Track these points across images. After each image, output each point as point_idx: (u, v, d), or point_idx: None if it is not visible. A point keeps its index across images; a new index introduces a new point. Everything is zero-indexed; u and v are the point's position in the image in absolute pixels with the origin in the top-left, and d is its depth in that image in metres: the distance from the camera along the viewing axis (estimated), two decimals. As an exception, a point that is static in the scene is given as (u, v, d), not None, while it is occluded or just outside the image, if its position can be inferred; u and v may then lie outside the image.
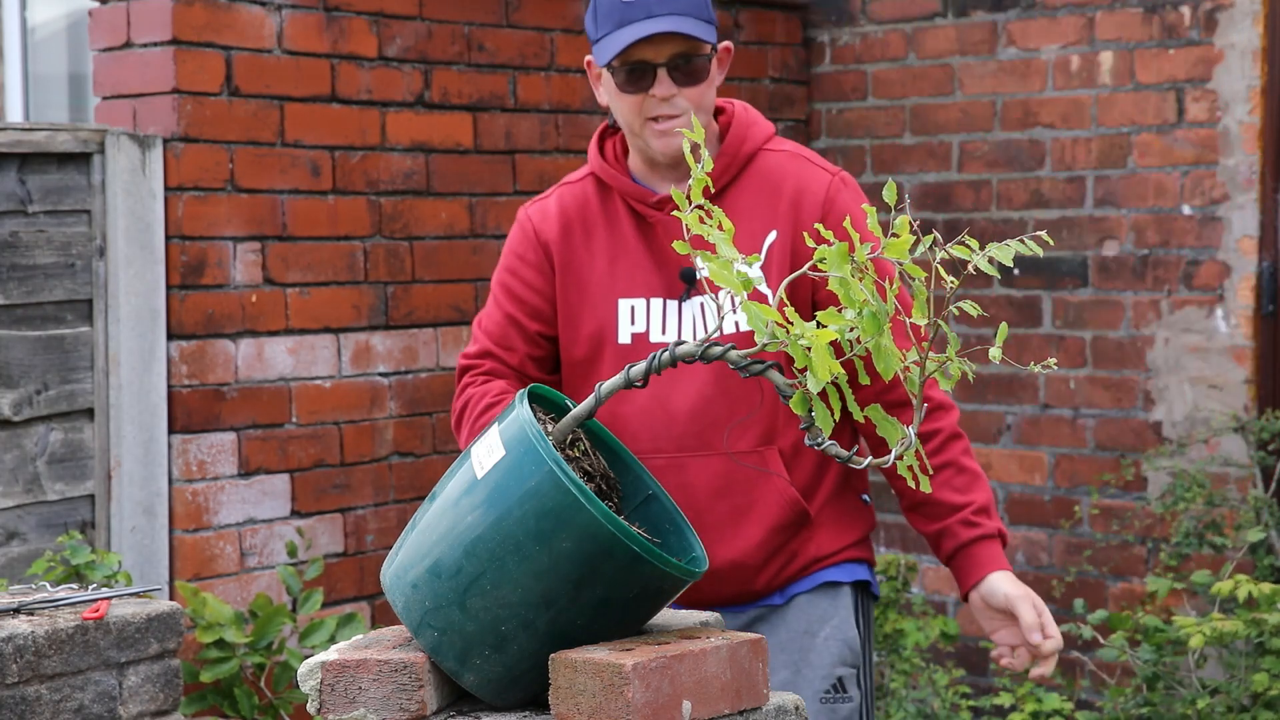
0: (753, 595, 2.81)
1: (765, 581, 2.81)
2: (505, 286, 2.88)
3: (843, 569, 2.85)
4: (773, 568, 2.80)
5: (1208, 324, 4.90)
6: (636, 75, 2.70)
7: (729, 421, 2.75)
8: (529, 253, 2.87)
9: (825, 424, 1.97)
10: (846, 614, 2.85)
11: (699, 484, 2.75)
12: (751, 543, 2.77)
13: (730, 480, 2.76)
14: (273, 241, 4.37)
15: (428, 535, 2.05)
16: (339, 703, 2.04)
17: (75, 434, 4.09)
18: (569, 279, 2.83)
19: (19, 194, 3.99)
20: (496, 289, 2.91)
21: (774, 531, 2.78)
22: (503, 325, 2.87)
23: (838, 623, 2.83)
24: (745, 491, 2.76)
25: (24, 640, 2.95)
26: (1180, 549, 4.56)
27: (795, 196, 2.77)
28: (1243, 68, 4.83)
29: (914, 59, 5.44)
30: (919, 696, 4.67)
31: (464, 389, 2.88)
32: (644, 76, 2.70)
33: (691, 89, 2.72)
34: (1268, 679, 3.86)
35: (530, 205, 2.94)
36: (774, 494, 2.76)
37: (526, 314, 2.86)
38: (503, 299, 2.88)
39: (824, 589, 2.84)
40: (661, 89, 2.71)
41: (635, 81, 2.71)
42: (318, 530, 4.47)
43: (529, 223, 2.90)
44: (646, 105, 2.72)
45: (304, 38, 4.42)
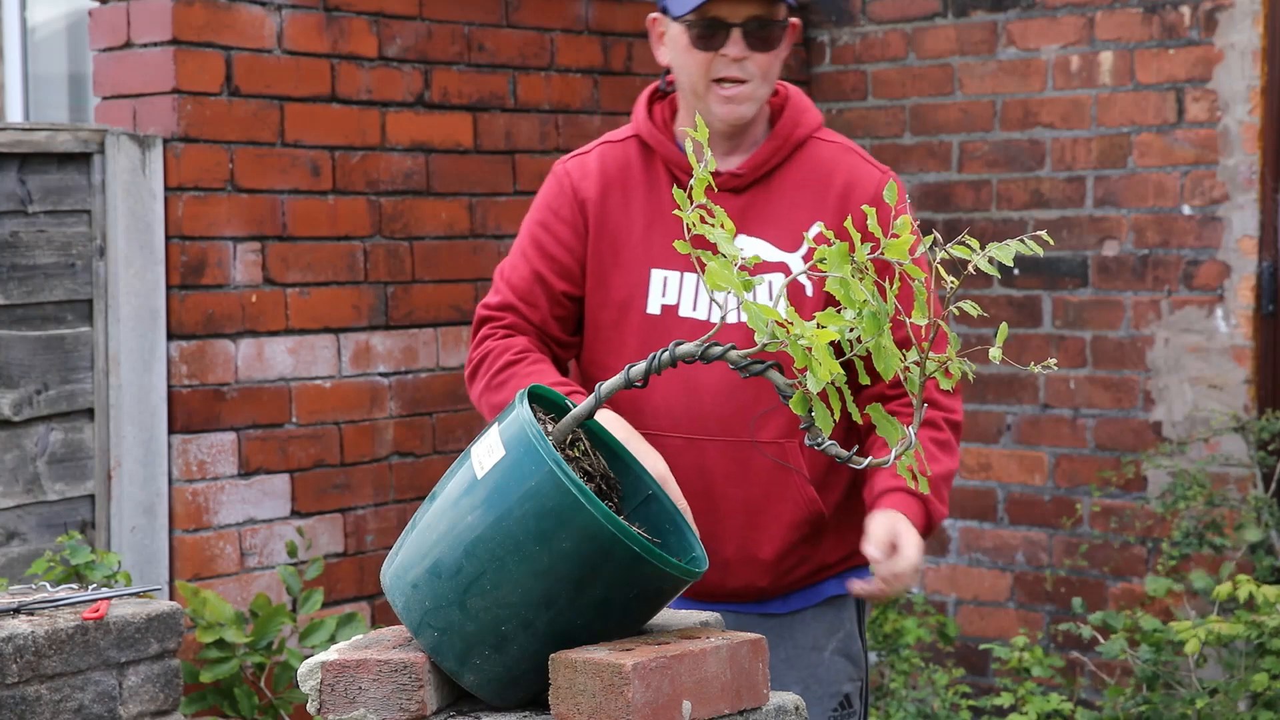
0: (758, 592, 2.75)
1: (773, 580, 2.75)
2: (536, 241, 2.77)
3: (845, 579, 2.80)
4: (783, 566, 2.75)
5: (1208, 324, 4.90)
6: (710, 32, 2.63)
7: (755, 409, 2.68)
8: (564, 209, 2.76)
9: (825, 424, 1.97)
10: (851, 626, 2.81)
11: (716, 469, 2.69)
12: (766, 536, 2.71)
13: (748, 469, 2.69)
14: (273, 241, 4.37)
15: (428, 535, 2.05)
16: (339, 703, 2.04)
17: (75, 434, 4.09)
18: (603, 241, 2.74)
19: (19, 194, 3.99)
20: (526, 242, 2.79)
21: (790, 528, 2.72)
22: (529, 281, 2.76)
23: (843, 636, 2.79)
24: (763, 483, 2.70)
25: (24, 640, 2.95)
26: (1180, 549, 4.56)
27: (845, 190, 2.70)
28: (1243, 68, 4.83)
29: (914, 59, 5.44)
30: (919, 696, 4.67)
31: (482, 340, 2.77)
32: (717, 35, 2.63)
33: (763, 55, 2.65)
34: (1267, 679, 3.86)
35: (568, 160, 2.83)
36: (792, 490, 2.71)
37: (555, 272, 2.75)
38: (531, 254, 2.77)
39: (827, 602, 2.80)
40: (734, 49, 2.63)
41: (708, 39, 2.63)
42: (318, 530, 4.47)
43: (567, 178, 2.79)
44: (715, 65, 2.65)
45: (304, 38, 4.42)
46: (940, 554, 5.36)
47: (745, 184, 2.69)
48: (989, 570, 5.29)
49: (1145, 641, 4.21)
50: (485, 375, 2.72)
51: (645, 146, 2.77)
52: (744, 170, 2.69)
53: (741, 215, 2.67)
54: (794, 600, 2.78)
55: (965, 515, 5.33)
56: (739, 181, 2.70)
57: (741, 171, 2.69)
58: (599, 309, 2.74)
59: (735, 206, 2.67)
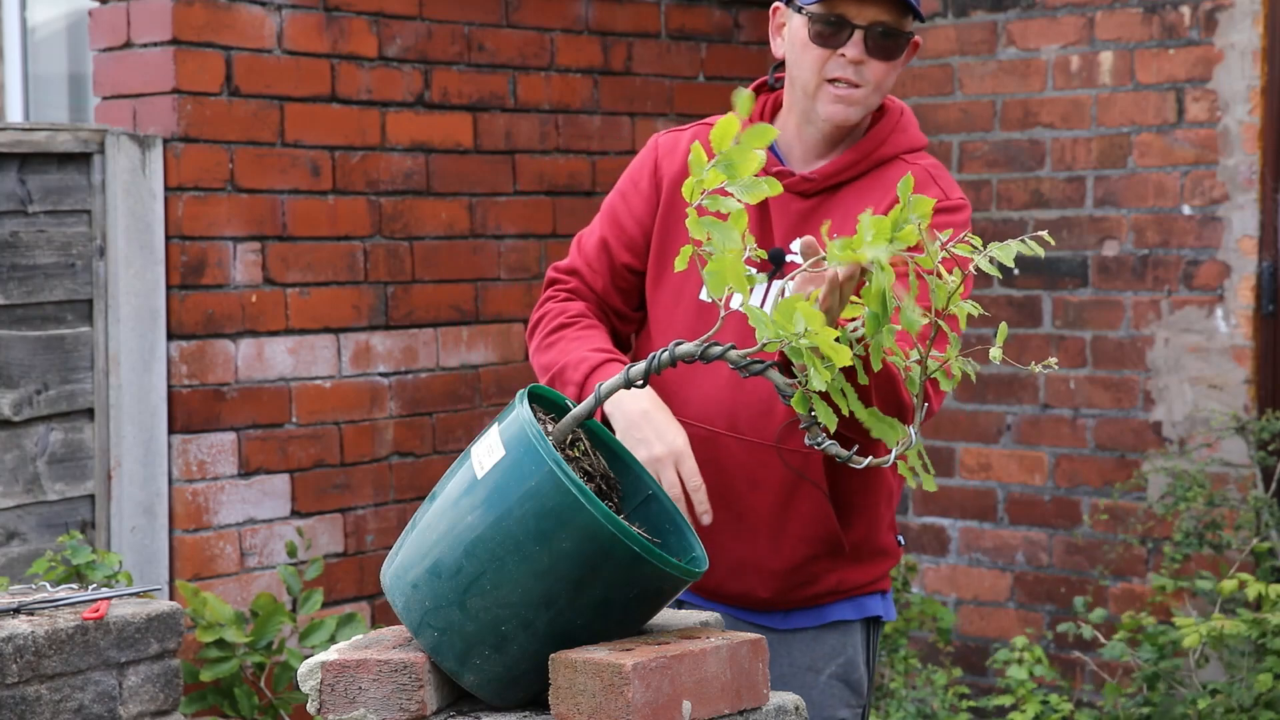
0: (757, 601, 2.69)
1: (774, 593, 2.68)
2: (611, 208, 2.75)
3: (855, 604, 2.74)
4: (791, 581, 2.68)
5: (1208, 324, 4.90)
6: (833, 30, 2.57)
7: (788, 414, 2.58)
8: (644, 181, 2.72)
9: (829, 422, 1.96)
10: (854, 653, 2.74)
11: (736, 468, 2.63)
12: (780, 546, 2.65)
13: (767, 474, 2.63)
14: (273, 241, 4.37)
15: (428, 535, 2.05)
16: (339, 703, 2.04)
17: (75, 434, 4.09)
18: (671, 220, 2.68)
19: (19, 194, 3.99)
20: (605, 208, 2.76)
21: (804, 542, 2.65)
22: (597, 248, 2.73)
23: (844, 662, 2.72)
24: (780, 492, 2.63)
25: (24, 640, 2.95)
26: (1181, 549, 4.56)
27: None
28: (1243, 68, 4.83)
29: (914, 59, 5.44)
30: (919, 696, 4.67)
31: (545, 301, 2.74)
32: (840, 33, 2.56)
33: (881, 63, 2.58)
34: (1270, 679, 3.86)
35: (665, 133, 2.78)
36: (809, 504, 2.64)
37: (621, 243, 2.72)
38: (605, 220, 2.75)
39: (831, 626, 2.72)
40: (853, 51, 2.57)
41: (830, 36, 2.57)
42: (318, 530, 4.47)
43: (655, 150, 2.75)
44: (831, 64, 2.58)
45: (304, 38, 4.42)
46: (940, 554, 5.36)
47: (813, 190, 2.64)
48: (989, 570, 5.29)
49: (1147, 641, 4.20)
50: (540, 334, 2.69)
51: None
52: (815, 176, 2.64)
53: (803, 220, 2.62)
54: (794, 619, 2.71)
55: (965, 515, 5.33)
56: (808, 186, 2.64)
57: (813, 177, 2.64)
58: (656, 287, 2.70)
59: (799, 210, 2.62)
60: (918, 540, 5.41)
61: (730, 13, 5.46)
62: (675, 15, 5.30)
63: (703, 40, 5.39)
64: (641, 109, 5.22)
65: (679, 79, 5.32)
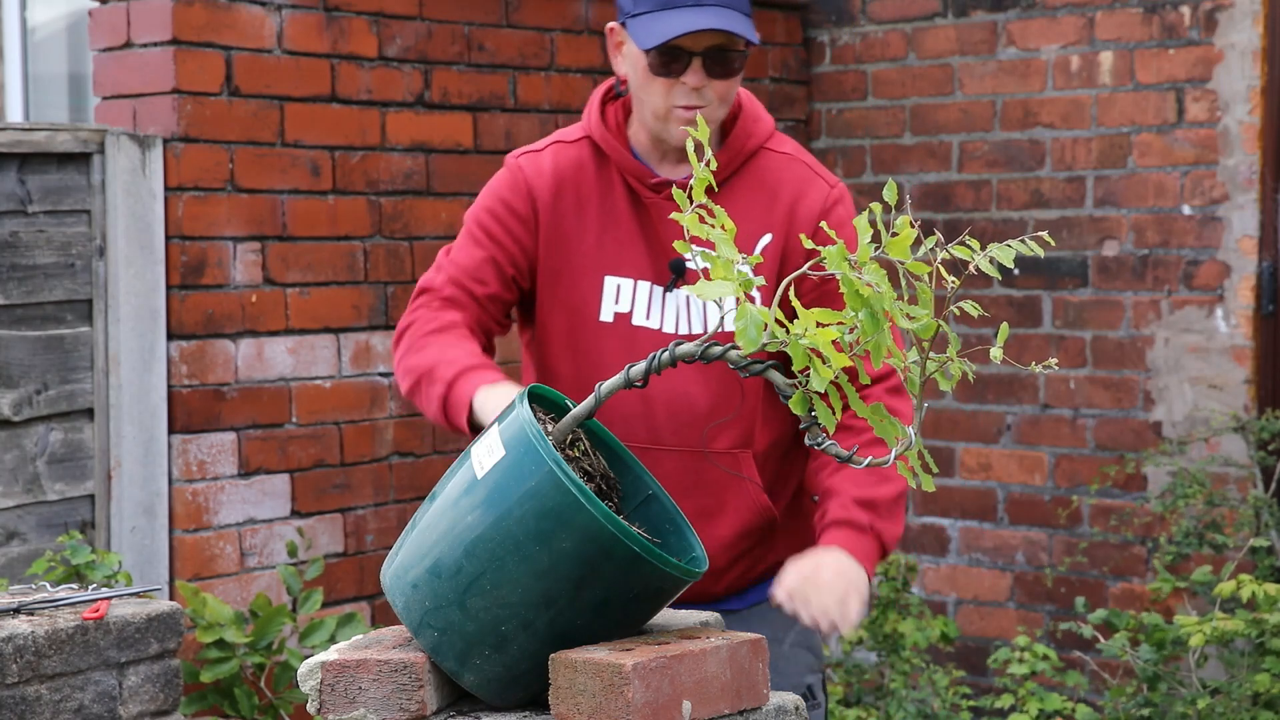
0: (710, 597, 2.75)
1: (726, 585, 2.77)
2: (486, 229, 2.74)
3: None
4: (735, 571, 2.77)
5: (1208, 324, 4.90)
6: (670, 61, 2.62)
7: (709, 419, 2.69)
8: (518, 204, 2.73)
9: (828, 423, 1.96)
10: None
11: (668, 479, 2.62)
12: (718, 545, 2.71)
13: (700, 479, 2.70)
14: (273, 241, 4.37)
15: (428, 535, 2.05)
16: (339, 703, 2.04)
17: (75, 434, 4.09)
18: (554, 244, 2.72)
19: (19, 194, 3.99)
20: (475, 229, 2.75)
21: (742, 536, 2.74)
22: (480, 262, 2.72)
23: (800, 628, 2.77)
24: (715, 493, 2.71)
25: (24, 640, 2.95)
26: (1181, 549, 4.56)
27: (792, 203, 2.71)
28: (1243, 68, 4.83)
29: (914, 59, 5.44)
30: (919, 697, 4.67)
31: (416, 309, 2.74)
32: (677, 63, 2.62)
33: (723, 82, 2.65)
34: (1269, 679, 3.86)
35: (521, 155, 2.79)
36: (744, 498, 2.72)
37: (506, 259, 2.73)
38: (483, 239, 2.74)
39: None
40: (694, 79, 2.63)
41: (668, 66, 2.63)
42: (318, 530, 4.47)
43: (520, 173, 2.75)
44: (674, 93, 2.64)
45: (304, 38, 4.42)
46: (940, 554, 5.36)
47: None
48: (989, 570, 5.29)
49: (1147, 641, 4.21)
50: (410, 337, 2.70)
51: (598, 150, 2.75)
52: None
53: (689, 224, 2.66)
54: (750, 595, 2.80)
55: (965, 515, 5.33)
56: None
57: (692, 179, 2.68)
58: (550, 311, 2.74)
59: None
60: (918, 540, 5.41)
61: (730, 13, 5.46)
62: (675, 15, 5.30)
63: (703, 40, 5.39)
64: (641, 109, 5.22)
65: (679, 79, 5.32)
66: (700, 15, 2.59)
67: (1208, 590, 4.25)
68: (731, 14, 2.61)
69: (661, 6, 2.61)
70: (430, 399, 2.57)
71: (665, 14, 2.61)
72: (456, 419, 2.52)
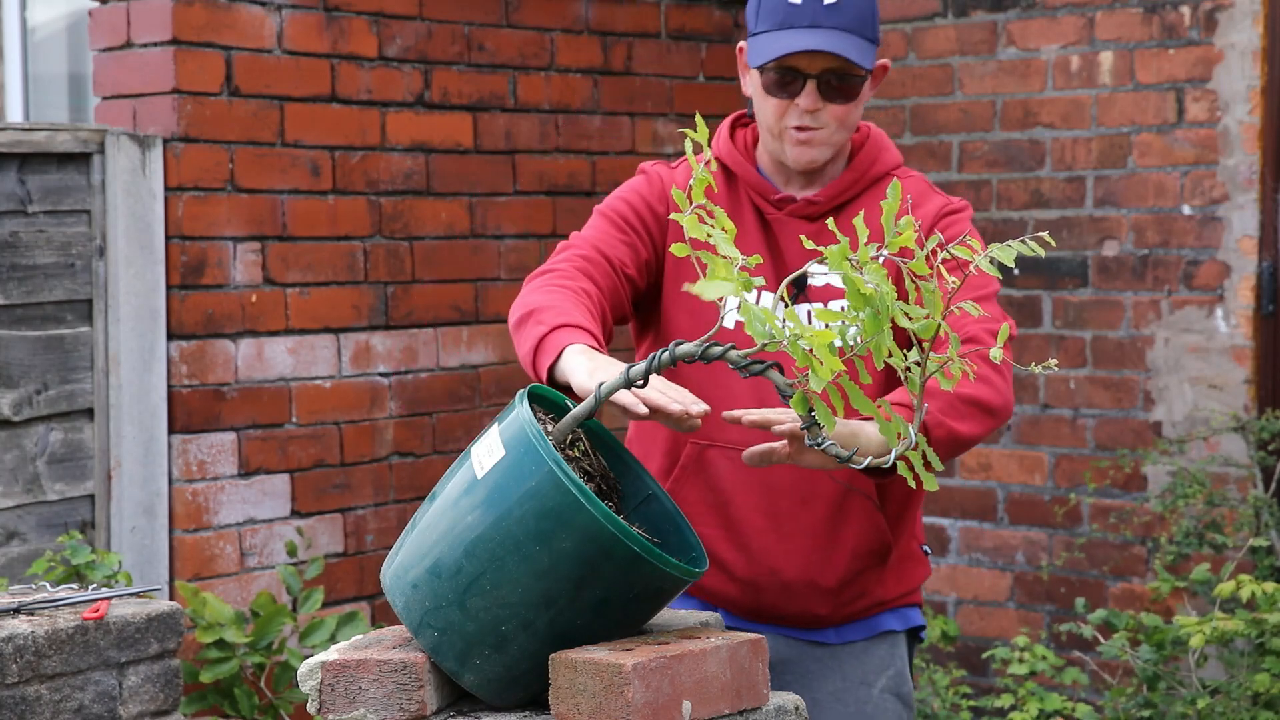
0: (814, 620, 2.68)
1: (832, 609, 2.68)
2: (624, 216, 2.68)
3: (899, 615, 2.76)
4: (845, 596, 2.68)
5: (1208, 324, 4.90)
6: (785, 82, 2.60)
7: None
8: (657, 203, 2.69)
9: (828, 423, 1.97)
10: (902, 664, 2.75)
11: (785, 486, 2.62)
12: (831, 562, 2.64)
13: (816, 490, 2.63)
14: (273, 241, 4.37)
15: (428, 535, 2.05)
16: (339, 703, 2.04)
17: (75, 434, 4.09)
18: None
19: (19, 194, 3.99)
20: (613, 215, 2.68)
21: (856, 556, 2.66)
22: (618, 242, 2.65)
23: (894, 674, 2.73)
24: (831, 506, 2.63)
25: (24, 640, 2.95)
26: (1180, 549, 4.56)
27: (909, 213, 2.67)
28: (1243, 68, 4.83)
29: (914, 59, 5.44)
30: (919, 697, 4.67)
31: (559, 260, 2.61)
32: (793, 84, 2.60)
33: (839, 106, 2.61)
34: (1269, 679, 3.86)
35: (657, 165, 2.76)
36: (861, 515, 2.64)
37: (643, 245, 2.66)
38: (621, 224, 2.67)
39: (880, 637, 2.74)
40: (808, 101, 2.60)
41: (783, 87, 2.60)
42: (318, 530, 4.47)
43: (658, 179, 2.72)
44: (790, 113, 2.61)
45: (304, 38, 4.42)
46: (940, 554, 5.36)
47: (819, 212, 2.66)
48: (989, 570, 5.29)
49: (1147, 641, 4.21)
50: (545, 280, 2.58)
51: (726, 170, 2.74)
52: (820, 198, 2.66)
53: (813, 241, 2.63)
54: (847, 631, 2.72)
55: (965, 515, 5.33)
56: (814, 209, 2.66)
57: (818, 199, 2.66)
58: (674, 313, 2.69)
59: (807, 232, 2.63)
60: (918, 540, 5.41)
61: (730, 13, 5.46)
62: (675, 15, 5.30)
63: (703, 40, 5.39)
64: (641, 109, 5.22)
65: (679, 79, 5.32)
66: (812, 36, 2.56)
67: (1207, 590, 4.25)
68: (847, 38, 2.58)
69: (778, 25, 2.59)
70: (529, 336, 2.44)
71: (781, 34, 2.58)
72: (541, 360, 2.39)
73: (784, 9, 2.58)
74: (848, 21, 2.58)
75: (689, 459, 2.64)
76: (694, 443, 2.64)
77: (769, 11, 2.61)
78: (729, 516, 2.63)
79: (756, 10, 2.64)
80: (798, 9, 2.58)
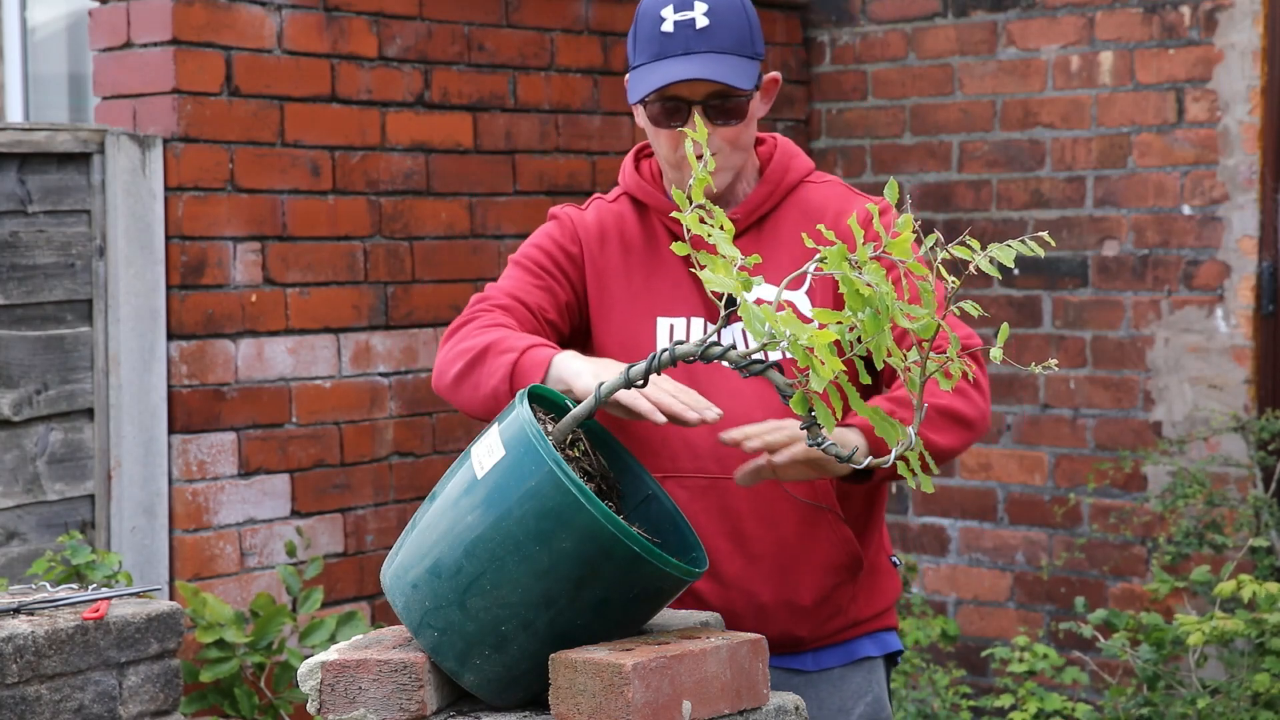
0: (793, 643, 2.65)
1: (811, 629, 2.65)
2: (537, 262, 2.67)
3: (876, 640, 2.73)
4: (821, 614, 2.65)
5: (1208, 324, 4.90)
6: (670, 111, 2.57)
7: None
8: (567, 244, 2.68)
9: (827, 423, 1.97)
10: (880, 690, 2.72)
11: (744, 511, 2.59)
12: (804, 580, 2.62)
13: (776, 509, 2.60)
14: (273, 241, 4.37)
15: (428, 535, 2.05)
16: (339, 703, 2.04)
17: (75, 434, 4.09)
18: (601, 287, 2.67)
19: (19, 194, 3.99)
20: (526, 263, 2.68)
21: (827, 571, 2.63)
22: (533, 288, 2.64)
23: (871, 700, 2.70)
24: (794, 523, 2.60)
25: (24, 640, 2.95)
26: (1180, 549, 4.56)
27: (836, 220, 2.63)
28: (1243, 68, 4.83)
29: (914, 59, 5.44)
30: (919, 697, 4.67)
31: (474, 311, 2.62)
32: (678, 113, 2.57)
33: (729, 129, 2.58)
34: (1269, 679, 3.86)
35: (565, 207, 2.76)
36: (826, 531, 2.62)
37: (561, 288, 2.66)
38: (535, 269, 2.66)
39: (858, 664, 2.71)
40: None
41: (670, 117, 2.57)
42: (318, 530, 4.47)
43: (569, 220, 2.71)
44: (682, 143, 2.56)
45: (304, 38, 4.42)
46: (940, 554, 5.36)
47: (739, 229, 2.63)
48: (989, 570, 5.29)
49: (1147, 640, 4.21)
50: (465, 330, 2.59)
51: (637, 203, 2.72)
52: (738, 215, 2.63)
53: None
54: (825, 657, 2.69)
55: (965, 515, 5.33)
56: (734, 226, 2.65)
57: (735, 217, 2.63)
58: (606, 346, 2.67)
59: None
60: (918, 540, 5.41)
61: (730, 13, 5.46)
62: (675, 15, 5.30)
63: (703, 40, 5.38)
64: (641, 109, 5.22)
65: (679, 79, 5.32)
66: (688, 64, 2.53)
67: (1207, 590, 4.25)
68: (724, 60, 2.55)
69: (654, 56, 2.56)
70: (494, 369, 2.44)
71: (658, 64, 2.56)
72: (523, 382, 2.38)
73: (658, 39, 2.55)
74: (723, 43, 2.55)
75: None
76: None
77: (644, 43, 2.57)
78: None
79: (633, 42, 2.60)
80: (670, 37, 2.54)
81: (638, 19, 2.60)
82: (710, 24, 2.55)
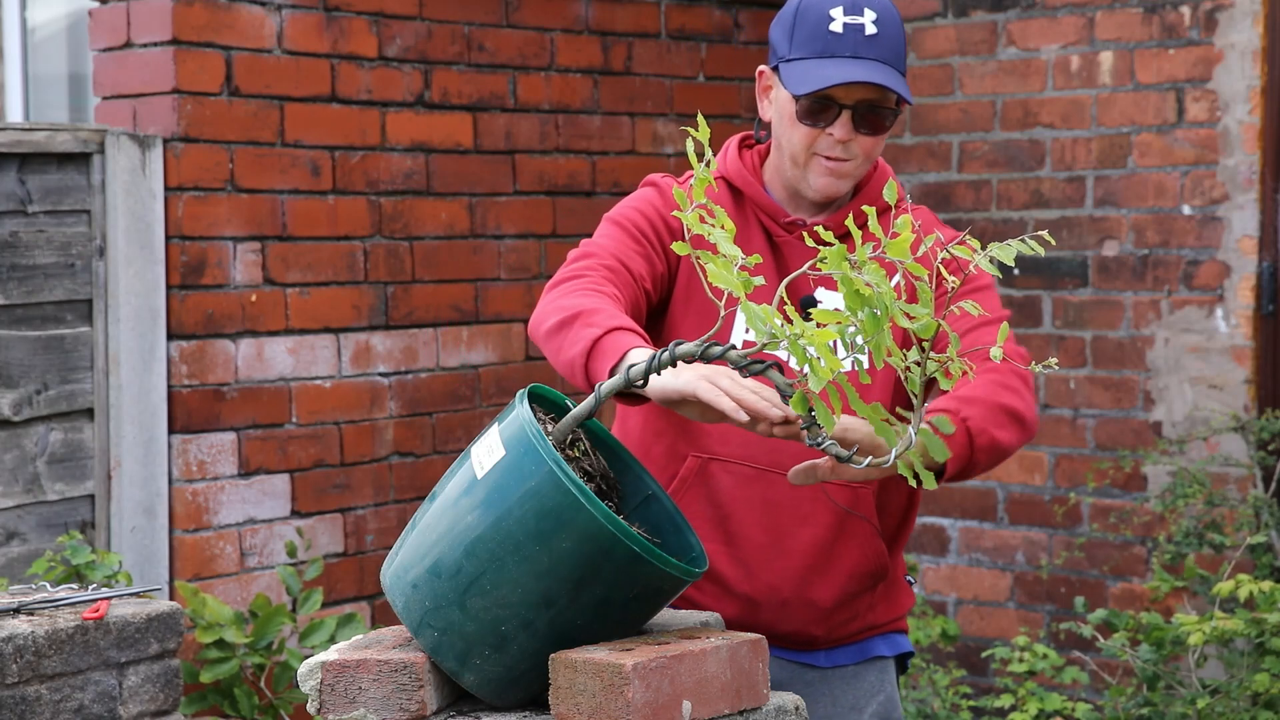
0: (808, 641, 2.67)
1: (825, 630, 2.67)
2: (638, 225, 2.62)
3: (889, 641, 2.75)
4: (838, 618, 2.67)
5: (1208, 324, 4.90)
6: (819, 110, 2.55)
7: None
8: (667, 214, 2.62)
9: (827, 423, 1.97)
10: (892, 690, 2.74)
11: (785, 505, 2.59)
12: (828, 582, 2.63)
13: (817, 511, 2.60)
14: (273, 241, 4.37)
15: (428, 535, 2.05)
16: (339, 703, 2.04)
17: (75, 434, 4.09)
18: (692, 272, 2.62)
19: (19, 194, 3.99)
20: (626, 224, 2.62)
21: (852, 578, 2.64)
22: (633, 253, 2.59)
23: (884, 700, 2.71)
24: (831, 527, 2.61)
25: (24, 640, 2.95)
26: (1180, 548, 4.56)
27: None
28: (1243, 68, 4.83)
29: (914, 59, 5.44)
30: (919, 697, 4.67)
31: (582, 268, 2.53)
32: (826, 113, 2.55)
33: (869, 139, 2.57)
34: (1268, 679, 3.86)
35: (667, 177, 2.70)
36: (860, 538, 2.63)
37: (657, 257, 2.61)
38: (635, 234, 2.61)
39: (870, 662, 2.73)
40: (841, 131, 2.55)
41: (816, 116, 2.56)
42: (318, 530, 4.47)
43: (669, 190, 2.65)
44: (820, 142, 2.57)
45: (304, 38, 4.42)
46: (940, 554, 5.36)
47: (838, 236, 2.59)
48: (989, 570, 5.29)
49: (1147, 640, 4.21)
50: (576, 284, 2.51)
51: (733, 190, 2.69)
52: (831, 226, 2.61)
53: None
54: (838, 655, 2.71)
55: (965, 515, 5.33)
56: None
57: (829, 227, 2.61)
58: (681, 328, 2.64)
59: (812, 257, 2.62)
60: (918, 540, 5.41)
61: (730, 13, 5.46)
62: (675, 15, 5.30)
63: (703, 40, 5.39)
64: (641, 109, 5.22)
65: (679, 79, 5.32)
66: (858, 67, 2.52)
67: (1207, 589, 4.25)
68: (889, 70, 2.54)
69: (819, 54, 2.54)
70: (577, 338, 2.37)
71: (822, 62, 2.53)
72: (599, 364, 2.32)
73: (825, 37, 2.53)
74: (886, 53, 2.54)
75: (690, 472, 2.61)
76: (696, 456, 2.60)
77: (807, 38, 2.55)
78: (729, 531, 2.61)
79: (789, 35, 2.58)
80: (840, 38, 2.53)
81: (800, 13, 2.57)
82: (878, 33, 2.54)
